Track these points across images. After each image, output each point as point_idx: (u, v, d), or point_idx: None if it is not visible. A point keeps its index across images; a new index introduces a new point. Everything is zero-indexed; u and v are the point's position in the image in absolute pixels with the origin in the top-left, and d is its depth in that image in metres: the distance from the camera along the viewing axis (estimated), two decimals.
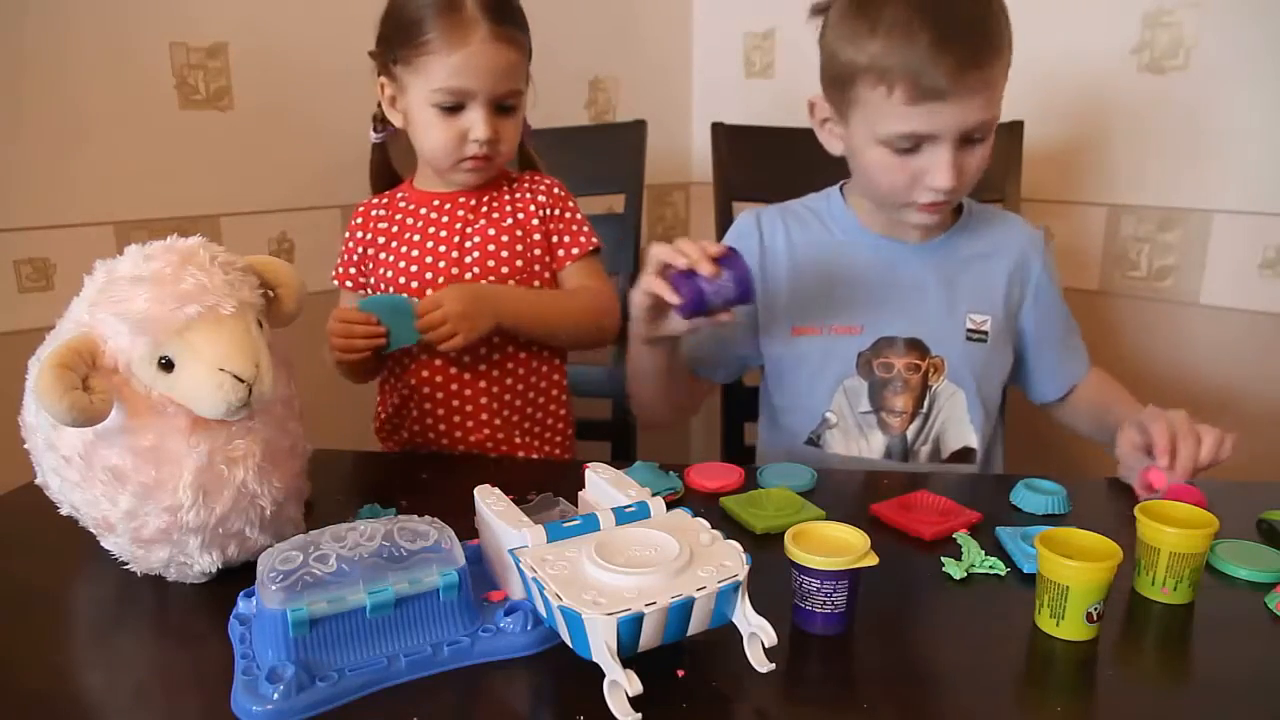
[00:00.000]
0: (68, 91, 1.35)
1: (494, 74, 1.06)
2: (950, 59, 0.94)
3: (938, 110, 0.97)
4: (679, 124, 2.03)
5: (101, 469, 0.71)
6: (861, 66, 0.99)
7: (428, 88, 1.06)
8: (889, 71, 0.96)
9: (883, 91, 0.98)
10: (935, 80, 0.95)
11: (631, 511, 0.69)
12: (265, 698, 0.59)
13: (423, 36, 1.04)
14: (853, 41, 0.99)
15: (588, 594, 0.58)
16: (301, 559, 0.63)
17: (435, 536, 0.67)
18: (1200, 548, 0.72)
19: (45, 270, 1.37)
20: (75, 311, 0.73)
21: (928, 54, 0.94)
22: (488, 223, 1.15)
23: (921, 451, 1.12)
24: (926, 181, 1.01)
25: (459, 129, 1.07)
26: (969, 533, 0.84)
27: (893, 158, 1.02)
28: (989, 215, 1.18)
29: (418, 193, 1.18)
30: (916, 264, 1.12)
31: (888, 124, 0.99)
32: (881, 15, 0.97)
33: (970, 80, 0.95)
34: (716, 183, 1.45)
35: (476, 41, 1.04)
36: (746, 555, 0.63)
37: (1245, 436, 0.96)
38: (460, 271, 1.12)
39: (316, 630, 0.61)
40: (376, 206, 1.20)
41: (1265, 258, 1.39)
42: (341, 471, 1.03)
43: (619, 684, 0.55)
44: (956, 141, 0.99)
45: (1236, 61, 1.36)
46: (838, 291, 1.12)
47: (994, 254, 1.15)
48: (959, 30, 0.95)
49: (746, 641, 0.61)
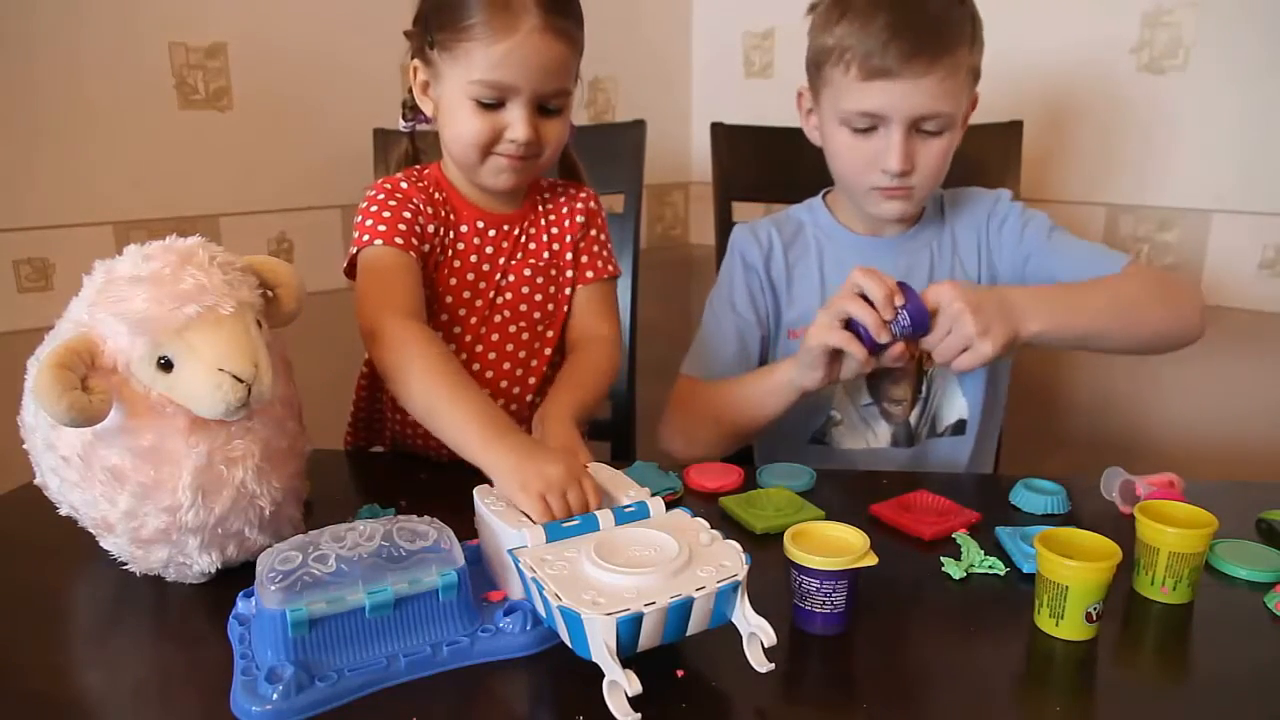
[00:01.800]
0: (67, 91, 1.35)
1: (541, 70, 0.95)
2: (902, 42, 1.01)
3: (887, 89, 1.03)
4: (678, 124, 2.03)
5: (100, 469, 0.71)
6: (828, 48, 1.06)
7: (466, 78, 0.95)
8: (848, 50, 1.04)
9: (841, 69, 1.05)
10: (885, 60, 1.01)
11: (631, 511, 0.69)
12: (264, 698, 0.59)
13: (466, 21, 0.93)
14: (825, 27, 1.07)
15: (587, 594, 0.58)
16: (300, 559, 0.63)
17: (434, 536, 0.67)
18: (1199, 547, 0.72)
19: (44, 270, 1.37)
20: (74, 311, 0.73)
21: (881, 34, 1.01)
22: (524, 256, 1.07)
23: (922, 432, 1.16)
24: (879, 163, 1.07)
25: (495, 125, 0.96)
26: (968, 533, 0.84)
27: (852, 138, 1.08)
28: (956, 197, 1.21)
29: (464, 203, 1.05)
30: (896, 256, 1.16)
31: (844, 100, 1.06)
32: (852, 2, 1.04)
33: (918, 65, 1.01)
34: (716, 183, 1.45)
35: (525, 31, 0.93)
36: (746, 555, 0.63)
37: (1244, 436, 0.96)
38: (491, 313, 1.05)
39: (316, 630, 0.61)
40: (427, 195, 1.03)
41: (1264, 257, 1.39)
42: (341, 471, 1.03)
43: (618, 684, 0.55)
44: (907, 126, 1.04)
45: (1236, 61, 1.36)
46: (827, 291, 1.15)
47: (963, 229, 1.18)
48: (916, 18, 1.02)
49: (746, 642, 0.61)
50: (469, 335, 1.05)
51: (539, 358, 1.09)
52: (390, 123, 1.48)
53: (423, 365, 0.86)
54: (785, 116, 1.48)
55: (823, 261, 1.18)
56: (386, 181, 1.03)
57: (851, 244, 1.17)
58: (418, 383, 0.86)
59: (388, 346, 0.88)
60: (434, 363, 0.86)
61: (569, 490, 0.72)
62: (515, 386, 1.08)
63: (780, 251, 1.19)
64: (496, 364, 1.06)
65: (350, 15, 1.54)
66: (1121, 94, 1.46)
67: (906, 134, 1.04)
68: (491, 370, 1.06)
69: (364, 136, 1.46)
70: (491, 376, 1.06)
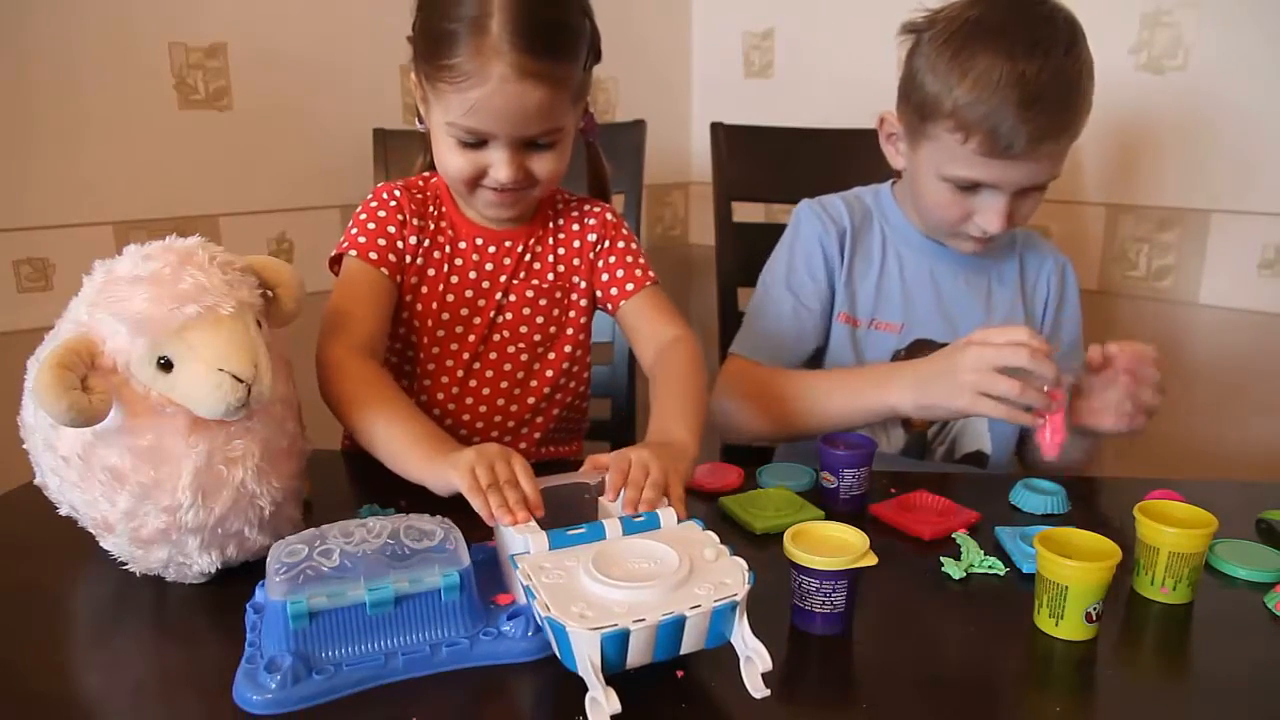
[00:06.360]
0: (67, 92, 1.35)
1: (518, 117, 0.89)
2: (1032, 125, 0.96)
3: (1008, 167, 1.00)
4: (678, 124, 2.03)
5: (100, 469, 0.71)
6: (944, 108, 1.00)
7: (444, 118, 0.91)
8: (970, 122, 0.98)
9: (960, 138, 1.00)
10: (1013, 141, 0.97)
11: (640, 521, 0.67)
12: (264, 686, 0.59)
13: (440, 60, 0.88)
14: (942, 79, 1.00)
15: (576, 606, 0.56)
16: (307, 552, 0.64)
17: (441, 536, 0.67)
18: (1199, 547, 0.72)
19: (44, 270, 1.37)
20: (74, 311, 0.73)
21: (1012, 115, 0.96)
22: (528, 275, 1.04)
23: (938, 451, 1.15)
24: (978, 220, 1.05)
25: (478, 163, 0.93)
26: (968, 533, 0.84)
27: (951, 194, 1.05)
28: (1021, 236, 1.21)
29: (463, 219, 1.03)
30: (958, 272, 1.16)
31: (955, 167, 1.02)
32: (975, 63, 0.98)
33: (1046, 147, 0.98)
34: (716, 183, 1.45)
35: (496, 80, 0.86)
36: (750, 574, 0.60)
37: (1244, 436, 0.96)
38: (490, 333, 1.03)
39: (316, 623, 0.62)
40: (421, 208, 1.01)
41: (1264, 257, 1.39)
42: (340, 471, 1.03)
43: (599, 702, 0.54)
44: (1015, 192, 1.02)
45: (1235, 61, 1.36)
46: (886, 286, 1.15)
47: (1033, 269, 1.19)
48: (1046, 97, 0.96)
49: (743, 665, 0.59)
50: (466, 353, 1.04)
51: (538, 378, 1.07)
52: (390, 123, 1.49)
53: (364, 395, 0.86)
54: (785, 116, 1.49)
55: (885, 255, 1.17)
56: (384, 189, 1.03)
57: (920, 246, 1.16)
58: (359, 416, 0.85)
59: (328, 378, 0.89)
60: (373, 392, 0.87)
61: (496, 463, 0.72)
62: (512, 404, 1.07)
63: (850, 233, 1.16)
64: (493, 383, 1.05)
65: (350, 16, 1.54)
66: (1121, 94, 1.46)
67: (1011, 198, 1.03)
68: (488, 388, 1.05)
69: (364, 136, 1.46)
70: (488, 394, 1.05)
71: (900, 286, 1.15)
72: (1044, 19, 0.99)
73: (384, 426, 0.83)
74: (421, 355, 1.04)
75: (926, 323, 1.14)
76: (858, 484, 0.89)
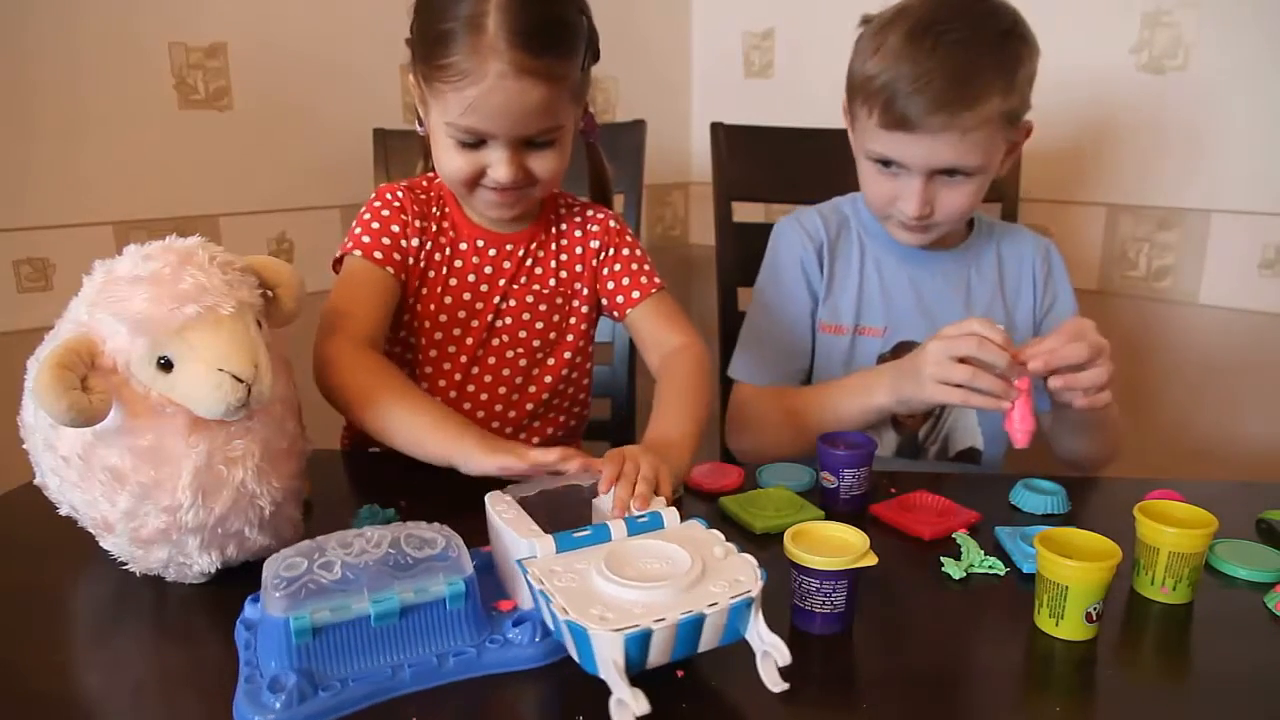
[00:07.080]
0: (67, 92, 1.34)
1: (517, 115, 0.89)
2: (923, 97, 0.96)
3: (905, 141, 1.00)
4: (678, 124, 2.03)
5: (100, 469, 0.71)
6: (857, 81, 1.03)
7: (442, 118, 0.91)
8: (872, 93, 1.00)
9: (866, 110, 1.02)
10: (905, 113, 0.97)
11: (644, 522, 0.67)
12: (267, 707, 0.58)
13: (437, 59, 0.88)
14: (861, 55, 1.03)
15: (595, 608, 0.56)
16: (306, 565, 0.62)
17: (443, 544, 0.66)
18: (1199, 547, 0.72)
19: (44, 270, 1.37)
20: (74, 311, 0.73)
21: (904, 86, 0.97)
22: (529, 280, 1.04)
23: (930, 450, 1.16)
24: (899, 204, 1.06)
25: (477, 163, 0.93)
26: (968, 533, 0.84)
27: (875, 174, 1.07)
28: (999, 228, 1.21)
29: (465, 221, 1.03)
30: (936, 271, 1.16)
31: (869, 141, 1.04)
32: (888, 38, 0.99)
33: (936, 122, 0.97)
34: (716, 183, 1.45)
35: (493, 77, 0.86)
36: (762, 570, 0.61)
37: (1244, 436, 0.96)
38: (489, 336, 1.04)
39: (320, 639, 0.60)
40: (424, 209, 1.01)
41: (1264, 257, 1.39)
42: (340, 471, 1.03)
43: (626, 704, 0.53)
44: (927, 174, 1.02)
45: (1235, 61, 1.36)
46: (867, 291, 1.16)
47: (1012, 260, 1.18)
48: (943, 71, 0.96)
49: (759, 660, 0.59)
50: (464, 356, 1.04)
51: (537, 384, 1.07)
52: (390, 123, 1.49)
53: (373, 384, 0.87)
54: (785, 116, 1.49)
55: (864, 261, 1.17)
56: (387, 190, 1.03)
57: (895, 250, 1.16)
58: (371, 405, 0.86)
59: (333, 372, 0.89)
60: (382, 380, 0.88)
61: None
62: (510, 409, 1.07)
63: (827, 244, 1.17)
64: (491, 387, 1.05)
65: (350, 15, 1.54)
66: (1121, 94, 1.46)
67: (926, 181, 1.02)
68: (486, 393, 1.05)
69: (364, 136, 1.46)
70: (486, 398, 1.05)
71: (880, 291, 1.15)
72: (968, 7, 0.99)
73: (401, 413, 0.84)
74: (420, 357, 1.04)
75: (908, 324, 1.14)
76: (858, 484, 0.89)
